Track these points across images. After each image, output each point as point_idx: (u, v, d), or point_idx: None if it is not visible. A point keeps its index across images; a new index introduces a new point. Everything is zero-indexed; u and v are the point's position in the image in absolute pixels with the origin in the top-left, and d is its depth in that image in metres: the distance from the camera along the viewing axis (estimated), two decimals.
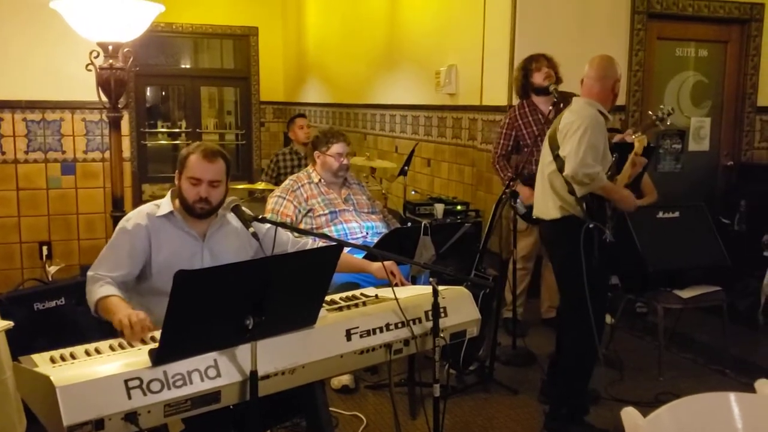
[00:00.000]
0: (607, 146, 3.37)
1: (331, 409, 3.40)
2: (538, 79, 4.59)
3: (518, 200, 4.20)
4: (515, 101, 4.92)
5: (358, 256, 3.24)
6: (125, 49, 3.92)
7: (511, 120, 4.71)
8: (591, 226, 3.24)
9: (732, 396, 1.58)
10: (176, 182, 2.70)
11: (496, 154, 4.76)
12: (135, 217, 2.67)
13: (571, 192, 3.29)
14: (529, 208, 4.43)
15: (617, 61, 3.53)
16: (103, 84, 3.86)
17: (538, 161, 4.56)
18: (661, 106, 3.71)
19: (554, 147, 3.38)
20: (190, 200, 2.64)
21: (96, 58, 3.83)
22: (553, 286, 4.78)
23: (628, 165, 3.39)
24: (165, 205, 2.70)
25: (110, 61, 3.81)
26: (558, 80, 4.57)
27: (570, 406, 3.42)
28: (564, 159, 3.28)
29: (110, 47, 3.79)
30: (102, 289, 2.47)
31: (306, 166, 4.39)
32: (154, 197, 10.85)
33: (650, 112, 3.75)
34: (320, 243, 2.96)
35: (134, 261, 2.60)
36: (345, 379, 3.81)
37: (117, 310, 2.32)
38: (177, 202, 2.71)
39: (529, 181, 4.43)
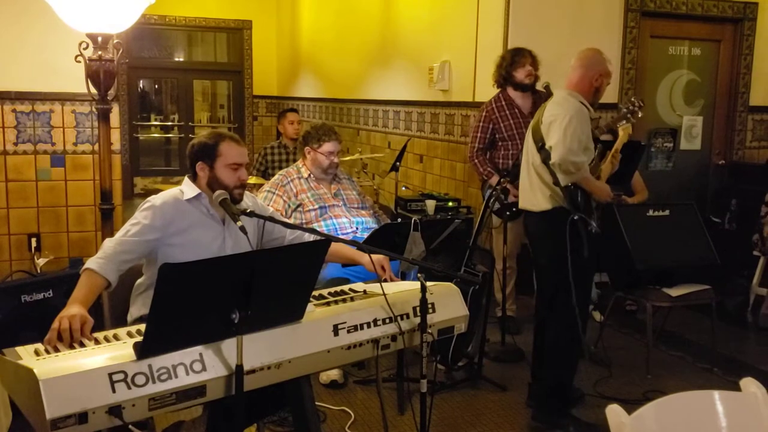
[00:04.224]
0: (590, 138, 3.39)
1: (319, 403, 3.41)
2: (520, 75, 4.62)
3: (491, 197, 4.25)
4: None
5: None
6: (115, 41, 3.89)
7: (487, 113, 4.73)
8: (576, 218, 3.25)
9: (716, 394, 1.58)
10: (206, 173, 2.70)
11: (473, 148, 4.77)
12: (162, 196, 2.70)
13: (556, 183, 3.31)
14: (506, 205, 4.44)
15: (608, 57, 3.53)
16: (92, 75, 3.83)
17: (515, 155, 4.61)
18: (632, 99, 3.72)
19: (538, 139, 3.40)
20: (231, 186, 2.67)
21: (85, 49, 3.80)
22: None
23: (608, 163, 3.44)
24: (190, 189, 2.72)
25: (99, 52, 3.79)
26: (536, 78, 4.60)
27: (557, 399, 3.43)
28: (550, 150, 3.30)
29: (99, 39, 3.76)
30: (99, 261, 2.46)
31: (294, 161, 4.38)
32: (146, 190, 10.75)
33: (620, 105, 3.75)
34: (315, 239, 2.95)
35: (157, 232, 2.60)
36: (333, 374, 3.80)
37: (71, 301, 2.30)
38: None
39: (507, 176, 4.45)
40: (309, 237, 2.90)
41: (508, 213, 4.49)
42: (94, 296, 2.42)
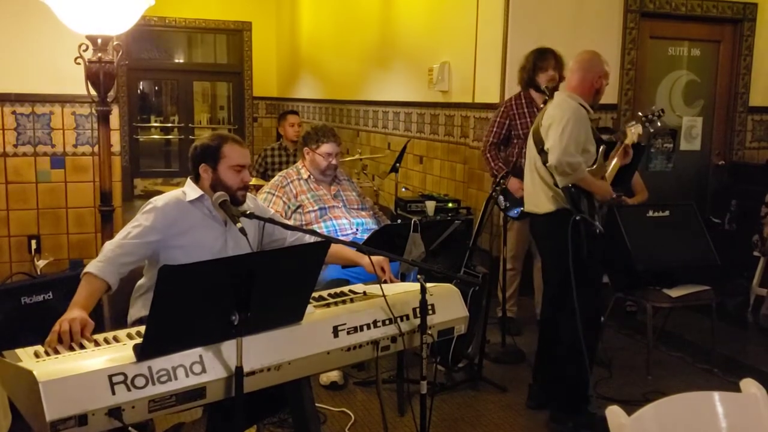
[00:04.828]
0: (591, 140, 3.40)
1: (319, 405, 3.41)
2: (542, 79, 4.57)
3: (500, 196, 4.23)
4: (508, 96, 4.92)
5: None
6: (114, 43, 3.89)
7: (506, 109, 4.72)
8: (578, 218, 3.26)
9: (716, 395, 1.58)
10: (209, 175, 2.71)
11: (487, 142, 4.76)
12: (164, 198, 2.71)
13: (557, 184, 3.33)
14: (513, 202, 4.46)
15: (605, 58, 3.55)
16: (92, 77, 3.83)
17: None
18: (653, 107, 3.72)
19: (538, 141, 3.42)
20: (234, 188, 2.69)
21: (85, 51, 3.80)
22: None
23: (620, 153, 3.46)
24: (192, 191, 2.73)
25: (99, 54, 3.78)
26: (561, 79, 4.56)
27: (564, 397, 3.42)
28: (547, 151, 3.32)
29: (99, 40, 3.76)
30: (98, 265, 2.46)
31: (294, 163, 4.38)
32: (146, 192, 10.73)
33: (640, 113, 3.75)
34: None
35: (159, 233, 2.60)
36: (333, 376, 3.80)
37: (72, 305, 2.30)
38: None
39: (518, 174, 4.44)
40: (310, 239, 2.90)
41: (516, 212, 4.50)
42: (95, 300, 2.42)
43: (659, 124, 3.67)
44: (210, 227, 2.71)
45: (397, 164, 5.66)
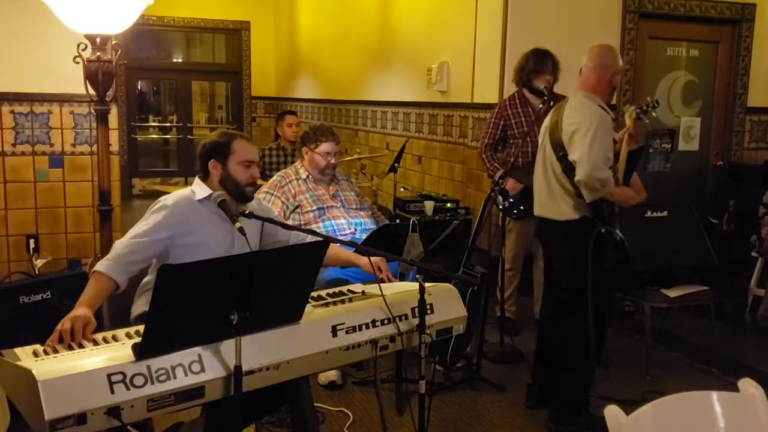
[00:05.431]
0: (611, 146, 3.28)
1: (317, 404, 3.41)
2: (537, 83, 4.57)
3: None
4: (507, 96, 4.92)
5: (350, 250, 3.24)
6: (113, 42, 3.89)
7: (500, 109, 4.73)
8: (603, 231, 3.17)
9: (714, 395, 1.58)
10: (218, 171, 2.74)
11: (483, 143, 4.76)
12: (174, 196, 2.73)
13: (579, 195, 3.21)
14: (511, 201, 4.44)
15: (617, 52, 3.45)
16: (90, 77, 3.83)
17: (525, 153, 4.59)
18: (647, 98, 3.70)
19: (557, 146, 3.26)
20: (243, 183, 2.73)
21: (84, 50, 3.80)
22: None
23: (626, 140, 3.41)
24: (201, 189, 2.75)
25: (98, 53, 3.79)
26: (555, 81, 4.56)
27: (574, 399, 3.41)
28: (573, 162, 3.17)
29: (98, 39, 3.76)
30: (107, 263, 2.47)
31: (292, 163, 4.38)
32: (144, 191, 10.71)
33: (634, 106, 3.72)
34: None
35: (169, 231, 2.61)
36: (332, 375, 3.80)
37: (78, 304, 2.30)
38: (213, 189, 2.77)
39: (515, 173, 4.43)
40: (311, 239, 2.90)
41: (515, 212, 4.49)
42: (101, 299, 2.42)
43: (654, 114, 3.65)
44: (218, 226, 2.72)
45: (396, 164, 5.65)
